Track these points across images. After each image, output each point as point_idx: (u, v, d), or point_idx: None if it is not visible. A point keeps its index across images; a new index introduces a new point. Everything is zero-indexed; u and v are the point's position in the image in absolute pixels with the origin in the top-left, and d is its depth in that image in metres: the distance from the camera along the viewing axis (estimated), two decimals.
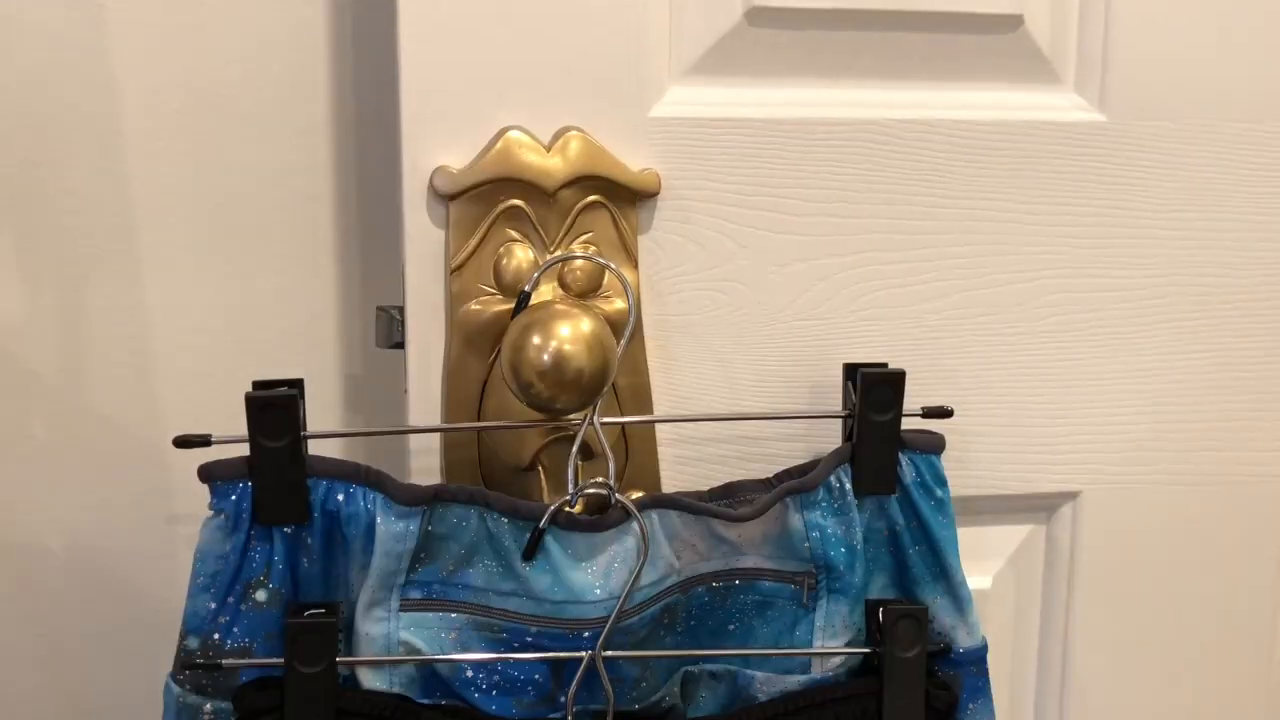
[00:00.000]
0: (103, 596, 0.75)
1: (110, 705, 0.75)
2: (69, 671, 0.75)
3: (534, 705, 0.60)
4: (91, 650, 0.75)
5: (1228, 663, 0.76)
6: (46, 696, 0.75)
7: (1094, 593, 0.73)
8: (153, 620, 0.73)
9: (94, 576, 0.75)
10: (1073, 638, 0.73)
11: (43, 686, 0.75)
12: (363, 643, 0.58)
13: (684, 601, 0.62)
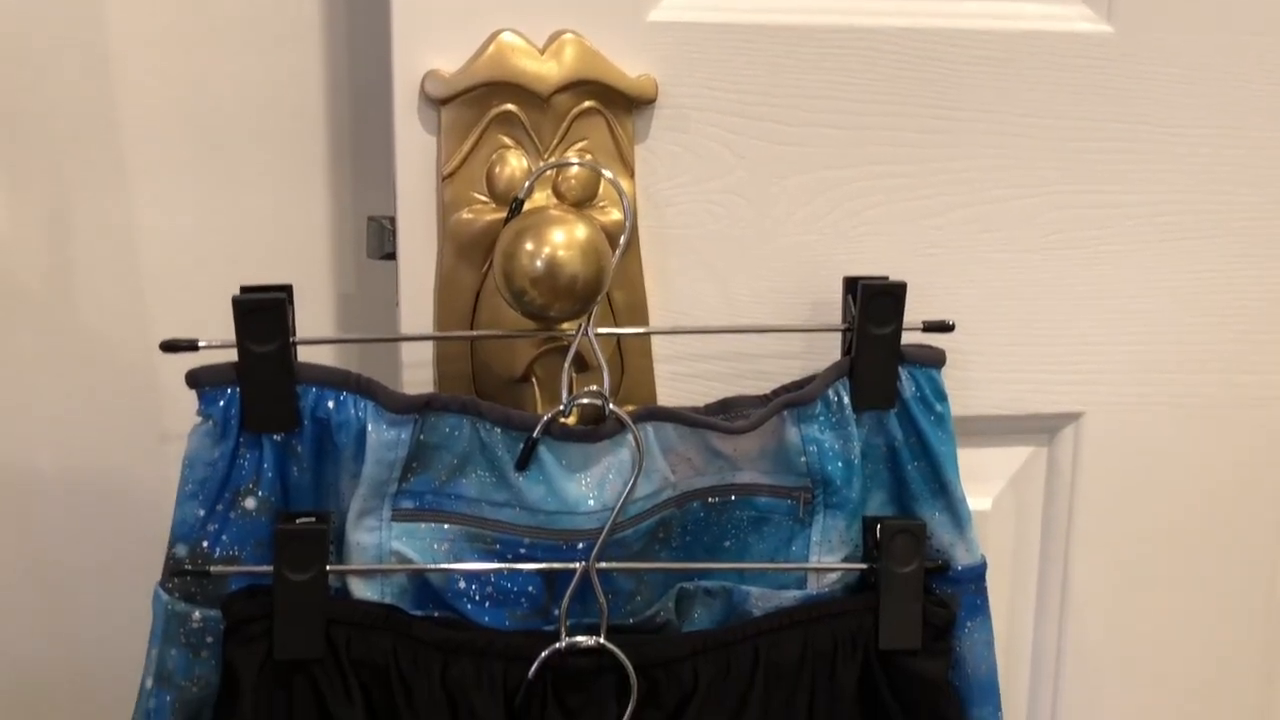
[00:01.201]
0: (94, 514, 0.74)
1: (101, 621, 0.75)
2: (60, 588, 0.75)
3: (527, 617, 0.60)
4: (83, 567, 0.75)
5: (1228, 585, 0.75)
6: (37, 613, 0.75)
7: (1094, 515, 0.72)
8: (144, 536, 0.73)
9: (85, 493, 0.74)
10: (1073, 560, 0.73)
11: (33, 603, 0.75)
12: (354, 552, 0.58)
13: (679, 516, 0.62)
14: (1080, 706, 0.74)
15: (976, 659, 0.65)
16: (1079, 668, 0.74)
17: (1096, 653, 0.74)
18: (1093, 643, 0.74)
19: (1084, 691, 0.74)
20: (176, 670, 0.57)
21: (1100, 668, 0.74)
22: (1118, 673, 0.74)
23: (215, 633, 0.57)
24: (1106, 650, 0.74)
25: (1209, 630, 0.75)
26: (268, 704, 0.56)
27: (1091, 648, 0.73)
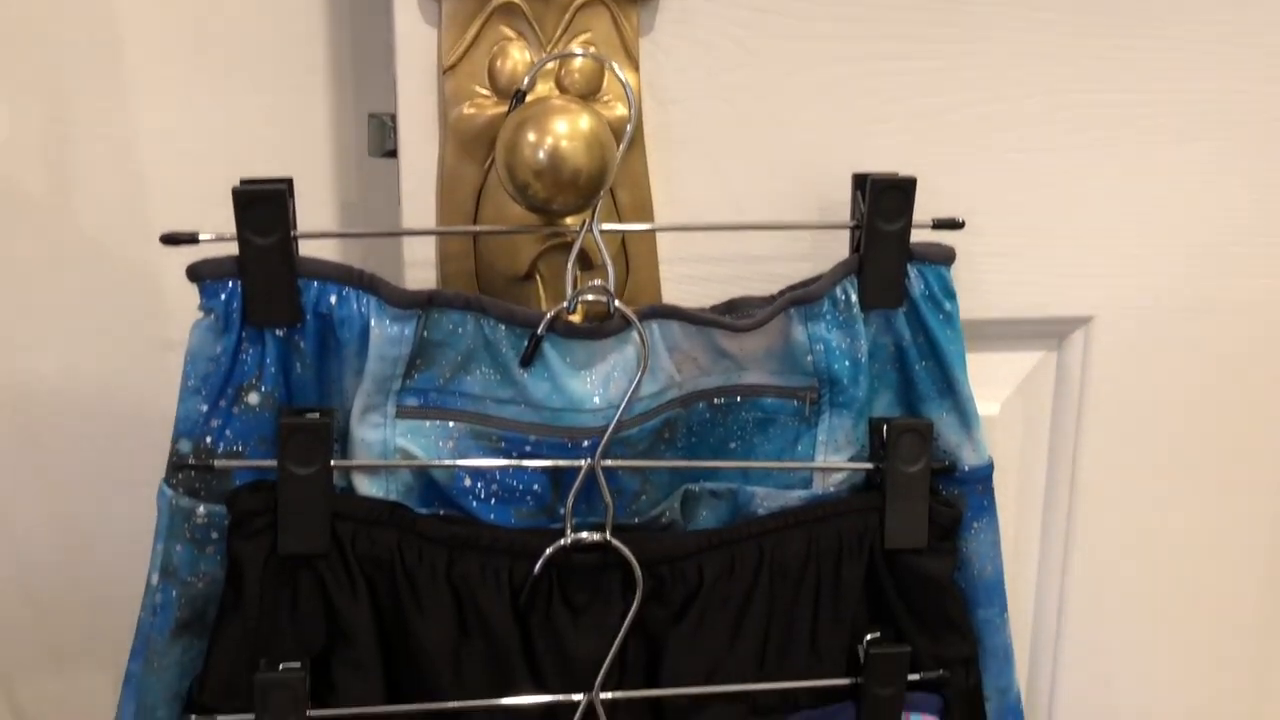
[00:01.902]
0: (98, 421, 0.74)
1: (106, 528, 0.76)
2: (65, 495, 0.75)
3: (533, 515, 0.60)
4: (87, 474, 0.75)
5: (1236, 489, 0.75)
6: (43, 520, 0.75)
7: (1104, 420, 0.72)
8: (147, 443, 0.73)
9: (88, 401, 0.74)
10: (1081, 465, 0.72)
11: (38, 507, 0.75)
12: (359, 449, 0.58)
13: (684, 417, 0.61)
14: (1086, 610, 0.74)
15: (982, 560, 0.65)
16: (1086, 572, 0.74)
17: (1103, 557, 0.73)
18: (1100, 548, 0.73)
19: (1090, 595, 0.74)
20: (181, 566, 0.57)
21: (1107, 572, 0.74)
22: (1124, 577, 0.74)
23: (220, 528, 0.57)
24: (1114, 555, 0.74)
25: (1217, 534, 0.75)
26: (273, 598, 0.56)
27: (1099, 553, 0.73)
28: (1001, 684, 0.67)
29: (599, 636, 0.60)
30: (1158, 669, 0.76)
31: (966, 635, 0.64)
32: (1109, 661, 0.75)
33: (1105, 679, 0.75)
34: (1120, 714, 0.76)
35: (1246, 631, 0.77)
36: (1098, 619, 0.74)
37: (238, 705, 0.57)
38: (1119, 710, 0.76)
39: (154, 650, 0.57)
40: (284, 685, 0.56)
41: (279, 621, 0.57)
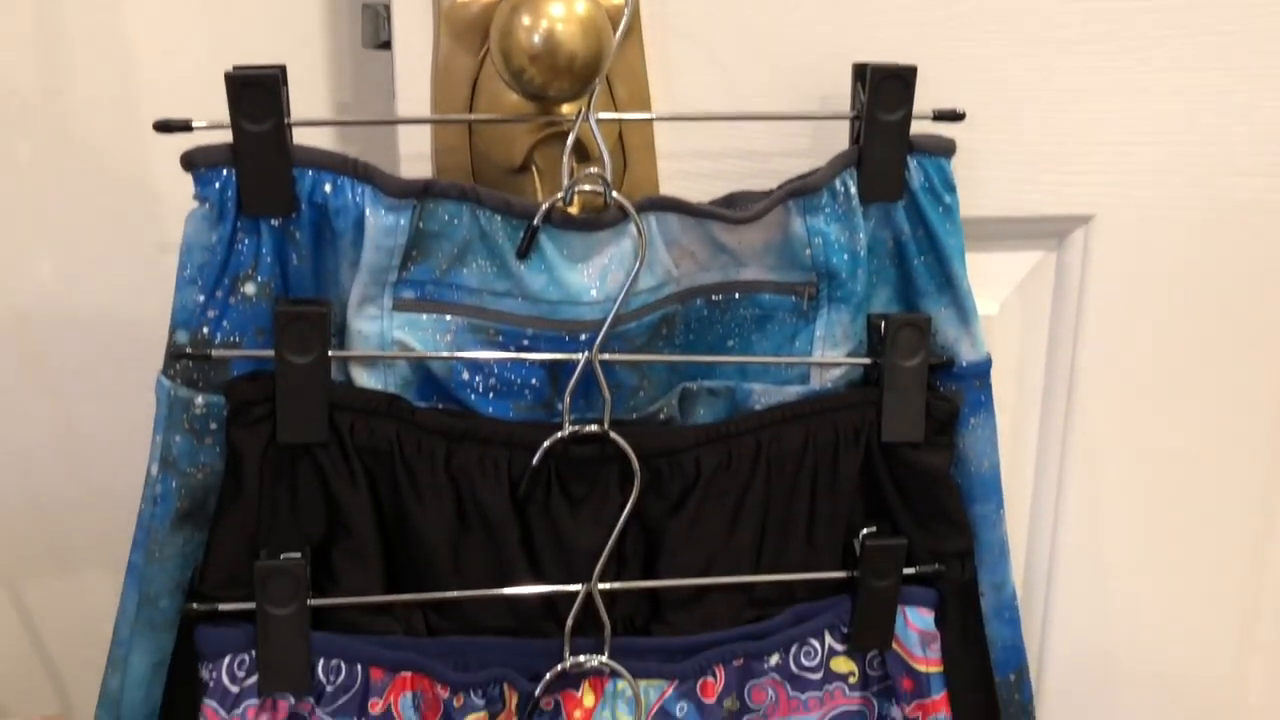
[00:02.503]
0: (96, 323, 0.74)
1: (106, 429, 0.76)
2: (64, 398, 0.75)
3: (531, 409, 0.60)
4: (86, 377, 0.75)
5: (1236, 393, 0.75)
6: (43, 422, 0.76)
7: (1103, 322, 0.72)
8: (145, 346, 0.73)
9: (86, 303, 0.74)
10: (1079, 366, 0.72)
11: (39, 413, 0.75)
12: (356, 340, 0.57)
13: (682, 313, 0.61)
14: (1083, 508, 0.74)
15: (979, 455, 0.65)
16: (1083, 471, 0.74)
17: (1101, 457, 0.74)
18: (1097, 447, 0.74)
19: (1087, 493, 0.74)
20: (181, 457, 0.57)
21: (1104, 471, 0.74)
22: (1121, 477, 0.75)
23: (219, 419, 0.57)
24: (1111, 454, 0.74)
25: (1215, 437, 0.75)
26: (272, 488, 0.57)
27: (1096, 452, 0.74)
28: (997, 580, 0.67)
29: (597, 528, 0.60)
30: (1154, 567, 0.77)
31: (963, 529, 0.64)
32: (1105, 559, 0.75)
33: (1101, 576, 0.76)
34: (1116, 611, 0.77)
35: (1242, 532, 0.78)
36: (1094, 517, 0.75)
37: (239, 595, 0.57)
38: (1115, 608, 0.77)
39: (155, 541, 0.58)
40: (284, 573, 0.56)
41: (279, 511, 0.57)
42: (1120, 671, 0.78)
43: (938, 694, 0.64)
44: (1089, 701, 0.78)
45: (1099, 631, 0.76)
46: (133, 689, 0.60)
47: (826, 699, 0.64)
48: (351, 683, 0.58)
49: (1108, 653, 0.77)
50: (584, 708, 0.61)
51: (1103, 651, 0.77)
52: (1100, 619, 0.76)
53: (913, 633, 0.64)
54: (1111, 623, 0.77)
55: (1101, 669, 0.77)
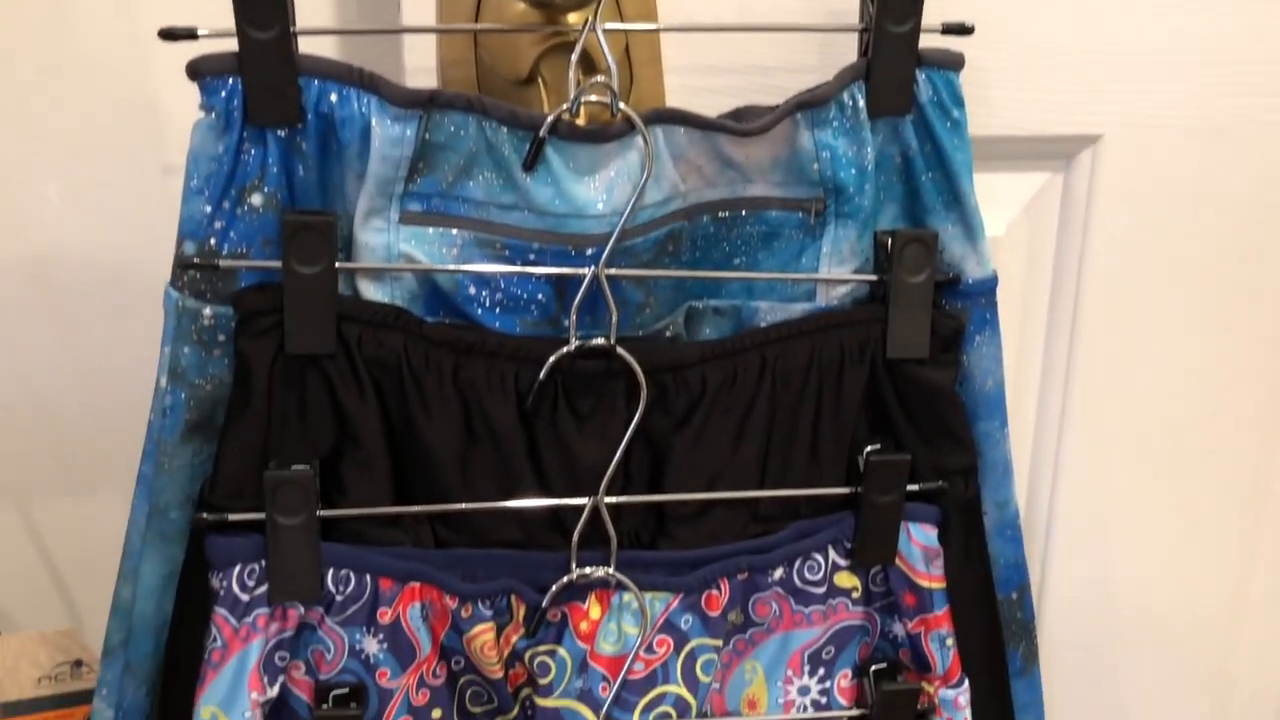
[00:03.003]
0: (101, 244, 0.74)
1: (114, 350, 0.76)
2: (72, 319, 0.76)
3: (537, 325, 0.60)
4: (93, 298, 0.75)
5: (1243, 318, 0.75)
6: (52, 344, 0.76)
7: (1109, 244, 0.72)
8: (150, 266, 0.73)
9: (91, 224, 0.74)
10: (1085, 288, 0.72)
11: (47, 334, 0.76)
12: (362, 253, 0.58)
13: (688, 230, 0.61)
14: (1086, 429, 0.75)
15: (984, 373, 0.65)
16: (1087, 392, 0.74)
17: (1105, 378, 0.74)
18: (1102, 369, 0.74)
19: (1091, 415, 0.75)
20: (189, 368, 0.57)
21: (1108, 393, 0.74)
22: (1125, 398, 0.75)
23: (227, 330, 0.57)
24: (1115, 376, 0.74)
25: (1218, 360, 0.76)
26: (281, 399, 0.57)
27: (1100, 373, 0.74)
28: (1000, 498, 0.68)
29: (603, 442, 0.60)
30: (1155, 489, 0.77)
31: (966, 446, 0.65)
32: (1107, 480, 0.76)
33: (1103, 497, 0.76)
34: (1117, 532, 0.78)
35: (1244, 455, 0.78)
36: (1097, 438, 0.75)
37: (248, 506, 0.58)
38: (1116, 529, 0.78)
39: (164, 452, 0.58)
40: (293, 483, 0.57)
41: (287, 423, 0.58)
42: (1120, 591, 0.79)
43: (940, 609, 0.65)
44: (1090, 621, 0.79)
45: (1100, 552, 0.77)
46: (144, 599, 0.60)
47: (830, 613, 0.65)
48: (360, 593, 0.59)
49: (1109, 573, 0.78)
50: (590, 620, 0.61)
51: (1104, 572, 0.77)
52: (1102, 539, 0.77)
53: (916, 548, 0.64)
54: (1113, 543, 0.77)
55: (1102, 589, 0.78)
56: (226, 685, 0.57)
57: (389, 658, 0.60)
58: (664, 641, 0.62)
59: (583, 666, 0.61)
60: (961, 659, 0.66)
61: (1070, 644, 0.79)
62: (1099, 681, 0.80)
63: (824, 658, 0.66)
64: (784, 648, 0.65)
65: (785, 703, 0.65)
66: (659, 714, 0.62)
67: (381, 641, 0.60)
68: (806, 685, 0.66)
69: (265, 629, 0.58)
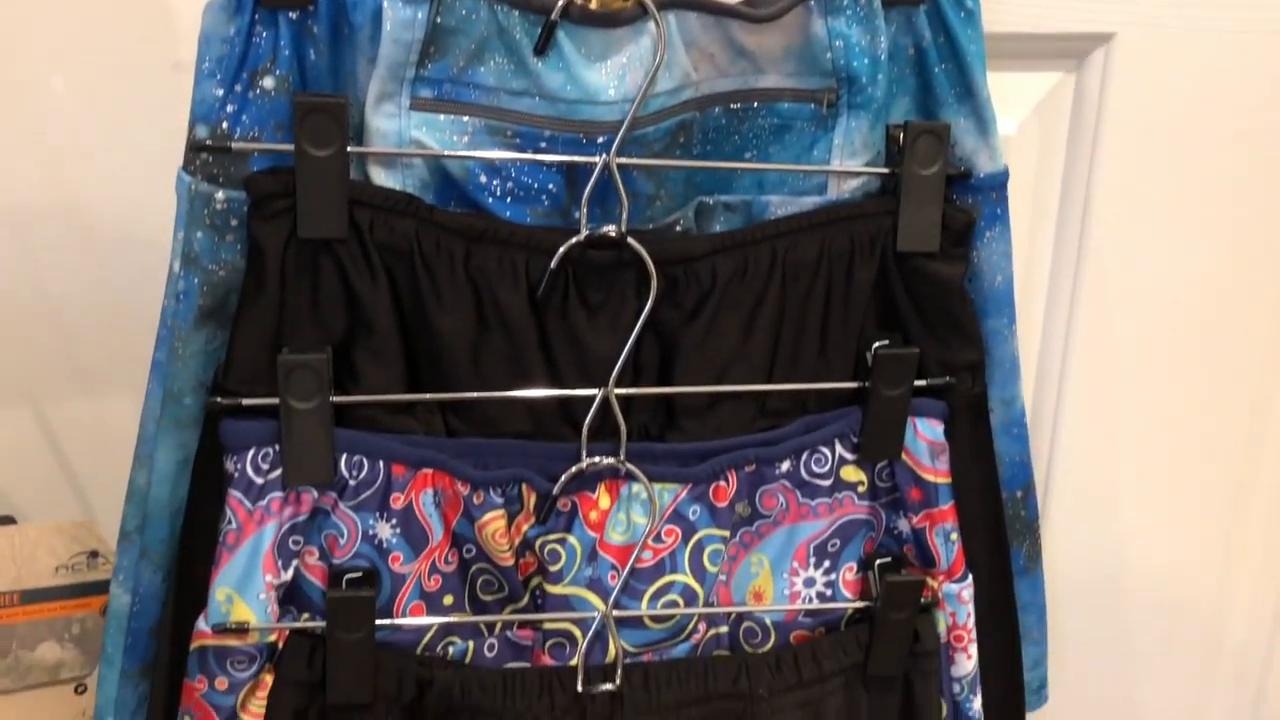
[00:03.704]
0: (109, 136, 0.74)
1: (128, 249, 0.76)
2: (86, 214, 0.76)
3: (548, 215, 0.60)
4: (106, 191, 0.75)
5: (1250, 220, 0.75)
6: (65, 242, 0.76)
7: (1120, 144, 0.72)
8: (164, 161, 0.73)
9: (99, 116, 0.74)
10: (1095, 189, 0.72)
11: (60, 231, 0.76)
12: (374, 138, 0.57)
13: (700, 121, 0.61)
14: (1094, 329, 0.75)
15: (993, 269, 0.65)
16: (1095, 293, 0.74)
17: (1114, 279, 0.74)
18: (1111, 270, 0.74)
19: (1099, 315, 0.75)
20: (203, 253, 0.58)
21: (1117, 292, 0.74)
22: (1133, 300, 0.75)
23: (239, 215, 0.57)
24: (1124, 277, 0.74)
25: (1228, 262, 0.76)
26: (293, 284, 0.57)
27: (1110, 274, 0.74)
28: (1007, 395, 0.68)
29: (614, 334, 0.61)
30: (1162, 390, 0.77)
31: (974, 342, 0.65)
32: (1115, 379, 0.76)
33: (1110, 396, 0.77)
34: (1123, 434, 0.78)
35: (1251, 348, 0.78)
36: (1105, 337, 0.75)
37: (262, 391, 0.58)
38: (1123, 430, 0.78)
39: (178, 338, 0.59)
40: (307, 367, 0.57)
41: (300, 308, 0.58)
42: (1125, 492, 0.79)
43: (945, 504, 0.66)
44: (1094, 522, 0.80)
45: (1106, 451, 0.78)
46: (159, 485, 0.61)
47: (835, 506, 0.66)
48: (374, 478, 0.60)
49: (1114, 473, 0.78)
50: (599, 510, 0.62)
51: (1109, 472, 0.78)
52: (1108, 440, 0.78)
53: (922, 443, 0.65)
54: (1119, 444, 0.78)
55: (1107, 489, 0.79)
56: (241, 567, 0.58)
57: (402, 543, 0.61)
58: (672, 531, 0.63)
59: (592, 555, 0.62)
60: (965, 555, 0.67)
61: (1074, 545, 0.80)
62: (1102, 582, 0.81)
63: (829, 550, 0.66)
64: (790, 540, 0.66)
65: (791, 594, 0.66)
66: (666, 602, 0.63)
67: (394, 527, 0.60)
68: (812, 577, 0.67)
69: (279, 513, 0.59)
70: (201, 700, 0.59)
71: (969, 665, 0.68)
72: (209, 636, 0.58)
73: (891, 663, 0.66)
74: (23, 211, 0.75)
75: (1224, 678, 0.89)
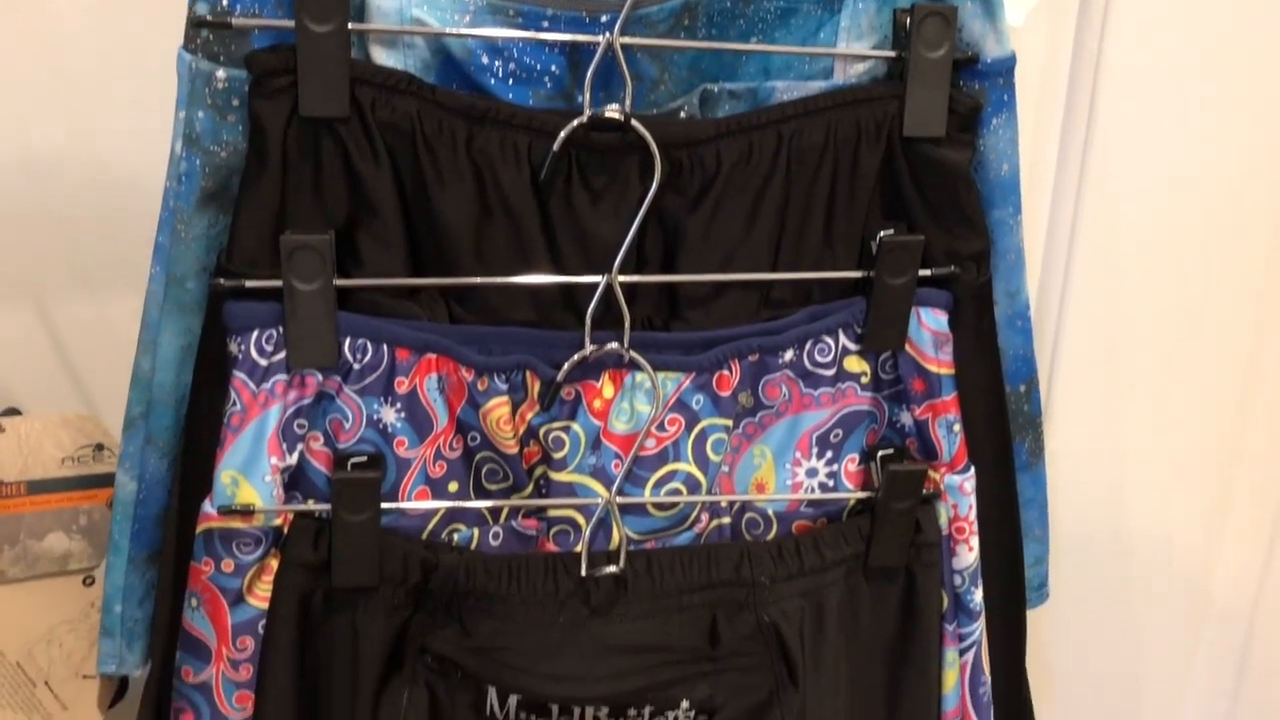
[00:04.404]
0: (111, 30, 0.73)
1: (130, 147, 0.76)
2: (87, 115, 0.75)
3: (551, 98, 0.60)
4: (106, 91, 0.74)
5: (1259, 110, 0.74)
6: (66, 143, 0.76)
7: (1128, 35, 0.71)
8: (165, 56, 0.72)
9: (99, 10, 0.73)
10: (1102, 80, 0.72)
11: (60, 131, 0.75)
12: (375, 15, 0.57)
13: (704, 4, 0.60)
14: (1099, 220, 0.75)
15: (999, 158, 0.65)
16: (1101, 184, 0.74)
17: (1120, 170, 0.74)
18: (1117, 161, 0.74)
19: (1104, 206, 0.74)
20: (204, 133, 0.57)
21: (1122, 185, 0.74)
22: (1139, 192, 0.75)
23: (241, 95, 0.57)
24: (1130, 168, 0.74)
25: (1235, 154, 0.75)
26: (296, 164, 0.57)
27: (1115, 166, 0.74)
28: (1011, 287, 0.68)
29: (617, 220, 0.60)
30: (1168, 283, 0.77)
31: (980, 230, 0.65)
32: (1120, 275, 0.76)
33: (1116, 292, 0.77)
34: (1127, 335, 0.78)
35: (1256, 241, 0.77)
36: (1112, 231, 0.75)
37: (265, 275, 0.58)
38: (1126, 332, 0.78)
39: (181, 220, 0.58)
40: (310, 248, 0.57)
41: (303, 189, 0.58)
42: (1128, 390, 0.79)
43: (948, 395, 0.66)
44: (1096, 419, 0.80)
45: (1110, 350, 0.78)
46: (163, 370, 0.61)
47: (838, 396, 0.66)
48: (378, 362, 0.60)
49: (1118, 371, 0.78)
50: (603, 398, 0.62)
51: (1113, 370, 0.78)
52: (1112, 339, 0.77)
53: (926, 333, 0.65)
54: (1123, 343, 0.78)
55: (1111, 387, 0.79)
56: (246, 449, 0.59)
57: (406, 427, 0.61)
58: (675, 420, 0.63)
59: (596, 443, 0.62)
60: (968, 448, 0.67)
61: (1077, 442, 0.80)
62: (1104, 478, 0.82)
63: (832, 440, 0.67)
64: (792, 430, 0.66)
65: (793, 484, 0.67)
66: (669, 490, 0.63)
67: (399, 411, 0.61)
68: (814, 468, 0.67)
69: (284, 396, 0.59)
70: (208, 583, 0.60)
71: (970, 558, 0.68)
72: (214, 519, 0.59)
73: (893, 554, 0.66)
74: (24, 102, 0.75)
75: (1225, 567, 0.90)
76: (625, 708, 0.63)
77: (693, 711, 0.64)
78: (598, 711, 0.62)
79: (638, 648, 0.63)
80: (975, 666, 0.70)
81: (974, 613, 0.69)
